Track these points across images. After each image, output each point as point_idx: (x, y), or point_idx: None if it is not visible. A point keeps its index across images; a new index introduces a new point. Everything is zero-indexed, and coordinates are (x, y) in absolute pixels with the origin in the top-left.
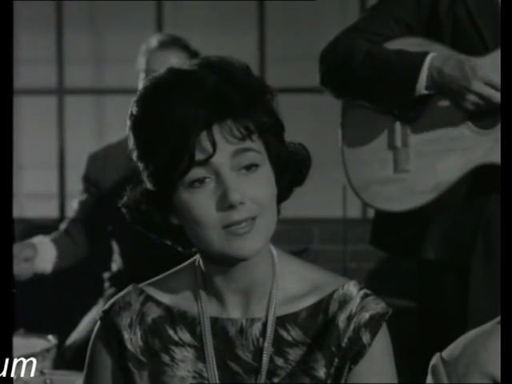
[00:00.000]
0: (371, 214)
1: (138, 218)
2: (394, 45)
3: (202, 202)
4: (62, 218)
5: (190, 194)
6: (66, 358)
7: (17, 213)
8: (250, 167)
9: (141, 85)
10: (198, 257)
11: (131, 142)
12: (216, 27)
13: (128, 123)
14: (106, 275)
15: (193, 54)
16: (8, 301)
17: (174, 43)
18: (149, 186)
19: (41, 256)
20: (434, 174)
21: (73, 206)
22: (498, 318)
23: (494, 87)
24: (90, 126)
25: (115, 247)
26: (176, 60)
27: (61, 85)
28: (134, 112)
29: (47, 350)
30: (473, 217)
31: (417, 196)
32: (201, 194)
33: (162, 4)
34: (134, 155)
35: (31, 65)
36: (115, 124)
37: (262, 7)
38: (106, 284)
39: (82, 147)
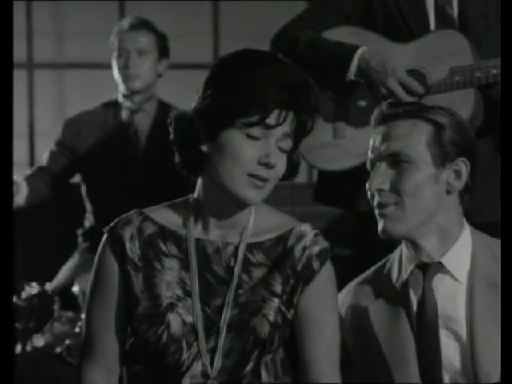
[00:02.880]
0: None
1: (181, 127)
2: (334, 33)
3: (249, 149)
4: None
5: (243, 138)
6: None
7: None
8: (283, 150)
9: (114, 62)
10: (191, 196)
11: (220, 74)
12: (173, 4)
13: (220, 67)
14: (80, 231)
15: (159, 35)
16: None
17: (142, 25)
18: (212, 112)
19: (20, 192)
20: (366, 140)
21: (43, 157)
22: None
23: (405, 88)
24: (51, 99)
25: (88, 206)
26: (145, 40)
27: (30, 59)
28: (232, 60)
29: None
30: None
31: (352, 158)
32: (251, 143)
33: None
34: (220, 84)
35: None
36: (76, 97)
37: None
38: (80, 239)
39: (48, 118)
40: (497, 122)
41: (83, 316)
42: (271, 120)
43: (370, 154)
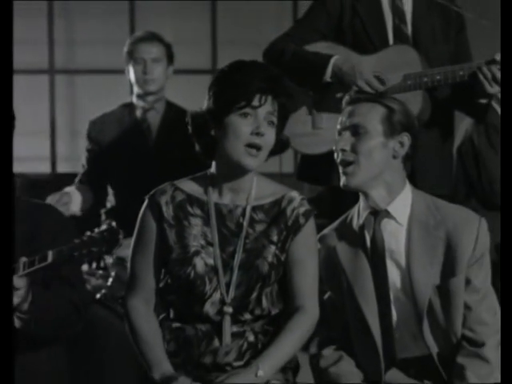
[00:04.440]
0: None
1: (196, 121)
2: (312, 47)
3: (244, 125)
4: (53, 173)
5: (238, 118)
6: None
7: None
8: (270, 123)
9: (131, 68)
10: (208, 170)
11: (216, 80)
12: (175, 14)
13: (218, 73)
14: (103, 211)
15: (167, 45)
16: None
17: (153, 38)
18: (215, 106)
19: (73, 201)
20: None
21: (82, 163)
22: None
23: (370, 87)
24: (64, 101)
25: (110, 190)
26: (157, 50)
27: (52, 65)
28: (226, 68)
29: None
30: None
31: (327, 144)
32: (244, 121)
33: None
34: (217, 87)
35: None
36: (86, 101)
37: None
38: (103, 217)
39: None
40: (442, 117)
41: (113, 273)
42: (255, 102)
43: (338, 126)
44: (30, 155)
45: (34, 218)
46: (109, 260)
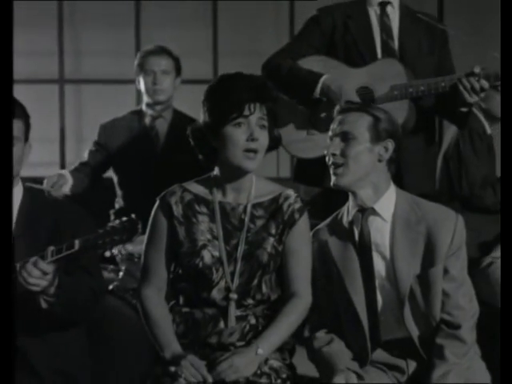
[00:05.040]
0: None
1: (196, 135)
2: (307, 61)
3: (239, 134)
4: None
5: (233, 128)
6: None
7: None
8: (262, 127)
9: (141, 79)
10: (212, 173)
11: (208, 96)
12: (178, 25)
13: (209, 89)
14: (112, 211)
15: (174, 58)
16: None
17: (162, 51)
18: (210, 120)
19: (66, 183)
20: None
21: (84, 155)
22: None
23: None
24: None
25: (118, 192)
26: (166, 62)
27: (62, 75)
28: (215, 83)
29: None
30: None
31: (320, 149)
32: (239, 130)
33: (139, 7)
34: (210, 102)
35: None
36: (93, 109)
37: (216, 9)
38: (112, 217)
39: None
40: (426, 124)
41: (123, 268)
42: (246, 111)
43: (330, 133)
44: (40, 161)
45: (56, 212)
46: (119, 255)
